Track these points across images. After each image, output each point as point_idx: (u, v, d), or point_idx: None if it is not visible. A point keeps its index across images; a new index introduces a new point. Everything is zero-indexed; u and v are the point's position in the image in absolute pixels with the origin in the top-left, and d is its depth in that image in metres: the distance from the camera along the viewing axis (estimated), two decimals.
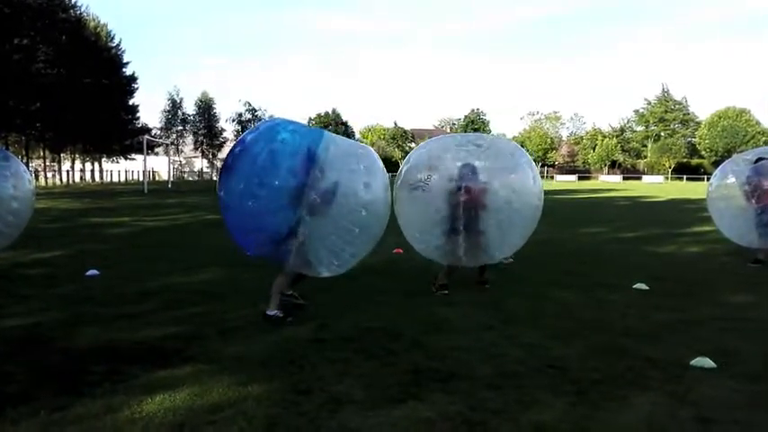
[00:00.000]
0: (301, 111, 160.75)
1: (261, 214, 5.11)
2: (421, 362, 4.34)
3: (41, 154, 50.22)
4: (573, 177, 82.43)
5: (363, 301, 6.27)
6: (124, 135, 54.40)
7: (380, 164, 5.57)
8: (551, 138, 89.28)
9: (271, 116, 75.02)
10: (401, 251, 9.84)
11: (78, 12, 46.30)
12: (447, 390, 3.80)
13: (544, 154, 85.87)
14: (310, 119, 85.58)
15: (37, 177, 41.88)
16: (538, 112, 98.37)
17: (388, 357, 4.44)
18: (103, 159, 59.14)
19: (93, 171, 58.89)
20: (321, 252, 5.34)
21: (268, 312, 5.45)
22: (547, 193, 7.48)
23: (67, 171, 52.76)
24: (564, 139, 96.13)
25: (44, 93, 38.47)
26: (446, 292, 6.61)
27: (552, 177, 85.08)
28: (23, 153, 44.46)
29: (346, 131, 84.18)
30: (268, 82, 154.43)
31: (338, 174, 5.20)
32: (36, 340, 4.81)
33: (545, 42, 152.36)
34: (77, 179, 53.38)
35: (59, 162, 53.22)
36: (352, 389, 3.80)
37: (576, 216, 18.79)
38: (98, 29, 50.64)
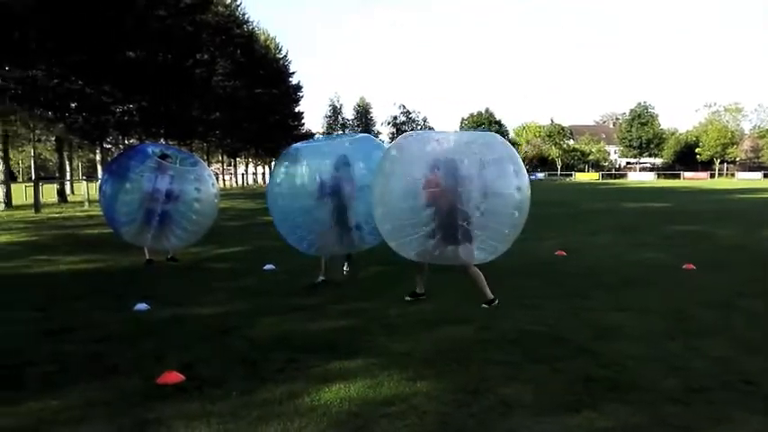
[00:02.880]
0: (454, 111, 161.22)
1: None
2: (593, 369, 4.12)
3: (220, 158, 55.31)
4: (758, 175, 73.69)
5: (524, 303, 6.11)
6: (291, 140, 58.24)
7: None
8: (731, 131, 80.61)
9: (424, 118, 76.33)
10: (564, 253, 9.48)
11: (251, 27, 50.32)
12: (625, 401, 3.56)
13: (723, 149, 77.76)
14: (463, 119, 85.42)
15: (216, 180, 46.20)
16: (715, 104, 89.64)
17: (555, 363, 4.27)
18: (273, 163, 63.84)
19: (264, 174, 63.83)
20: None
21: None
22: (728, 192, 6.76)
23: (242, 174, 57.63)
24: (746, 132, 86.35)
25: (222, 103, 42.35)
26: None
27: (732, 175, 76.93)
28: (205, 158, 49.32)
29: (500, 130, 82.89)
30: (421, 84, 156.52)
31: None
32: (225, 328, 5.29)
33: (723, 25, 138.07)
34: (251, 181, 58.14)
35: (235, 166, 58.31)
36: (521, 393, 3.71)
37: (765, 218, 16.77)
38: (268, 41, 54.66)
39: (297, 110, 59.84)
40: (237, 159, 58.58)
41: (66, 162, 37.93)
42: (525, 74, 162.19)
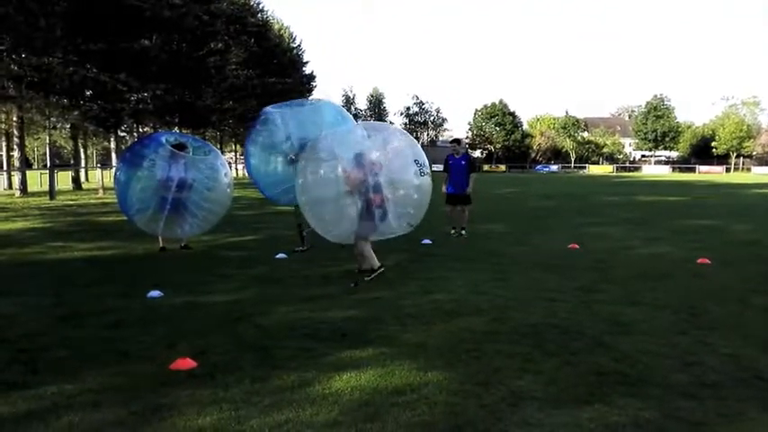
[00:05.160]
0: (468, 102, 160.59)
1: None
2: (606, 363, 4.10)
3: (233, 148, 55.43)
4: None
5: (537, 296, 6.09)
6: None
7: None
8: (748, 125, 79.51)
9: (437, 109, 76.03)
10: (577, 246, 9.43)
11: (265, 16, 50.19)
12: (637, 395, 3.55)
13: (739, 143, 76.76)
14: (477, 110, 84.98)
15: (229, 169, 46.37)
16: (733, 97, 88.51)
17: (569, 356, 4.26)
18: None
19: None
20: None
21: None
22: (744, 186, 6.67)
23: None
24: (763, 126, 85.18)
25: (236, 92, 42.39)
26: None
27: (749, 169, 75.99)
28: (218, 147, 49.45)
29: (514, 121, 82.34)
30: (435, 75, 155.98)
31: None
32: (237, 316, 5.33)
33: (742, 17, 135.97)
34: None
35: None
36: (532, 385, 3.70)
37: None
38: (281, 31, 54.52)
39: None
40: None
41: (81, 149, 38.19)
42: (541, 65, 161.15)
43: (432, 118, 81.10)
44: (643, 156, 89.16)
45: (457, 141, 11.38)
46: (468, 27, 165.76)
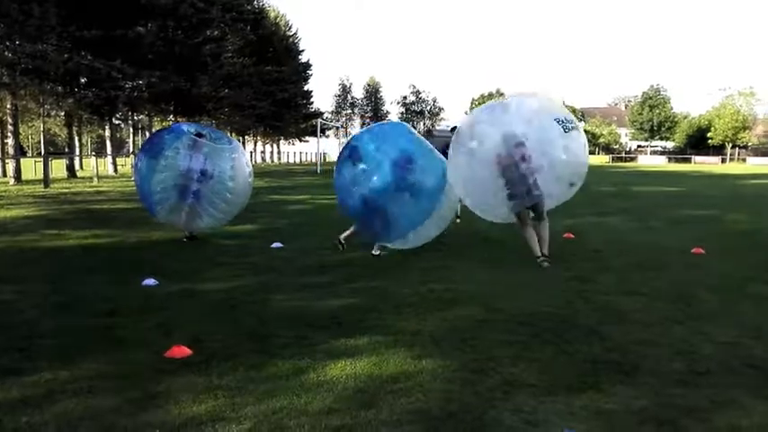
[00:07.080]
0: (464, 91, 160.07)
1: None
2: (600, 352, 4.12)
3: (228, 136, 55.23)
4: None
5: (532, 285, 6.10)
6: (299, 119, 58.09)
7: None
8: (744, 116, 79.53)
9: (434, 98, 75.90)
10: (572, 236, 9.45)
11: (261, 4, 49.86)
12: (630, 383, 3.57)
13: (735, 134, 76.85)
14: (473, 99, 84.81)
15: None
16: (729, 88, 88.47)
17: (563, 345, 4.28)
18: (281, 141, 63.76)
19: (272, 152, 63.75)
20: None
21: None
22: (739, 177, 6.70)
23: (250, 152, 57.61)
24: (760, 117, 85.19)
25: (231, 80, 42.16)
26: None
27: (744, 160, 76.15)
28: None
29: None
30: (432, 64, 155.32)
31: None
32: (233, 304, 5.33)
33: (739, 7, 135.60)
34: (259, 160, 58.15)
35: (244, 144, 58.21)
36: (526, 373, 3.72)
37: None
38: (277, 19, 54.19)
39: (306, 88, 59.53)
40: (246, 138, 58.55)
41: (76, 137, 37.99)
42: (537, 54, 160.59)
43: (428, 107, 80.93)
44: (639, 146, 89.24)
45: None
46: (465, 16, 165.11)
